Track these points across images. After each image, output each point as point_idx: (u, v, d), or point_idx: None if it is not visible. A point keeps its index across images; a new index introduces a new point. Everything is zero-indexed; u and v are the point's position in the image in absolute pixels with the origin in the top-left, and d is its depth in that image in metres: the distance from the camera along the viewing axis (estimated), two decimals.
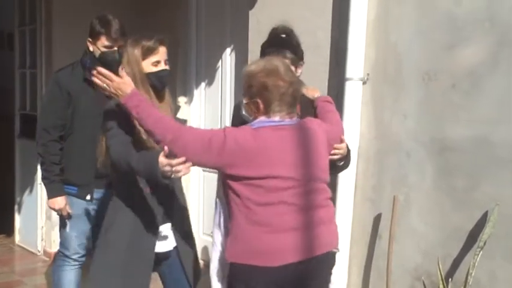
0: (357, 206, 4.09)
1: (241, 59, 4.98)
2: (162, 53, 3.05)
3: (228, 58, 5.35)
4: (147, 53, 3.01)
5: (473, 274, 3.43)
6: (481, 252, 3.42)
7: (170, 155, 2.62)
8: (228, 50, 5.33)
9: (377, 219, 4.05)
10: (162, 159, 2.65)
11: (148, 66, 3.00)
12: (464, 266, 3.58)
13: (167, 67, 3.10)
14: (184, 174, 2.70)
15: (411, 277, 3.87)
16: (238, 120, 2.99)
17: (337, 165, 3.00)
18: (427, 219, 3.79)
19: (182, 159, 2.63)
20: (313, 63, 3.90)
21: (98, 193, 3.86)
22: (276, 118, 2.71)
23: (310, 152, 2.70)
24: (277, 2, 4.55)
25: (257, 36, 4.63)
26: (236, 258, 2.69)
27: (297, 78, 2.80)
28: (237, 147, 2.63)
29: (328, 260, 2.76)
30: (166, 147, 2.63)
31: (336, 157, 2.88)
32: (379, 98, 4.00)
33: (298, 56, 3.00)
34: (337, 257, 3.34)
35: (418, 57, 3.81)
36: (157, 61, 3.04)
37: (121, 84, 2.80)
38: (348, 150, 3.05)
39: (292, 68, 2.96)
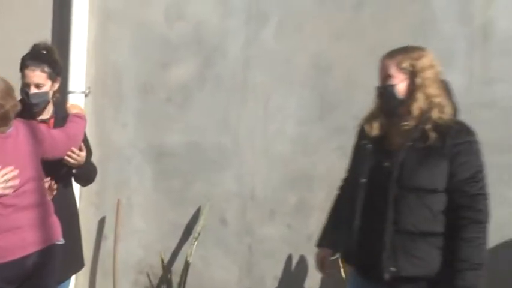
0: (82, 212, 4.31)
1: None
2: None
3: None
4: None
5: (190, 261, 3.98)
6: (196, 242, 3.98)
7: None
8: None
9: (101, 222, 4.37)
10: None
11: None
12: (182, 256, 4.10)
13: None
14: None
15: (135, 271, 4.27)
16: None
17: (75, 174, 3.26)
18: (148, 218, 4.24)
19: None
20: None
21: None
22: None
23: (20, 157, 2.89)
24: None
25: None
26: None
27: (10, 101, 2.86)
28: None
29: (53, 252, 2.96)
30: None
31: (70, 160, 3.13)
32: (100, 109, 4.34)
33: (55, 72, 3.20)
34: None
35: (136, 73, 4.25)
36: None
37: None
38: (90, 166, 3.32)
39: (50, 82, 3.17)
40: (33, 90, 3.15)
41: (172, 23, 4.14)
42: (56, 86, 3.29)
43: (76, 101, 4.21)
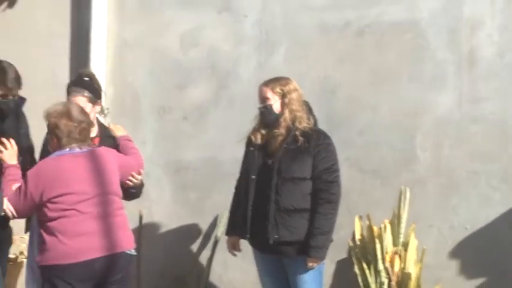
0: None
1: None
2: None
3: None
4: None
5: (211, 265, 4.40)
6: (217, 247, 4.41)
7: None
8: None
9: None
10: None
11: None
12: (202, 261, 4.52)
13: None
14: None
15: (157, 277, 4.66)
16: (45, 153, 3.51)
17: (130, 192, 3.63)
18: (169, 227, 4.64)
19: None
20: (55, 98, 4.42)
21: None
22: (67, 149, 3.28)
23: (101, 171, 3.32)
24: (8, 38, 4.84)
25: None
26: (44, 262, 3.22)
27: (87, 119, 3.36)
28: (37, 177, 3.18)
29: (124, 259, 3.33)
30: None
31: (130, 183, 3.53)
32: None
33: (95, 95, 3.58)
34: None
35: (153, 95, 4.66)
36: None
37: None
38: (142, 184, 3.71)
39: (90, 104, 3.55)
40: None
41: (187, 49, 4.56)
42: (98, 108, 3.69)
43: None
